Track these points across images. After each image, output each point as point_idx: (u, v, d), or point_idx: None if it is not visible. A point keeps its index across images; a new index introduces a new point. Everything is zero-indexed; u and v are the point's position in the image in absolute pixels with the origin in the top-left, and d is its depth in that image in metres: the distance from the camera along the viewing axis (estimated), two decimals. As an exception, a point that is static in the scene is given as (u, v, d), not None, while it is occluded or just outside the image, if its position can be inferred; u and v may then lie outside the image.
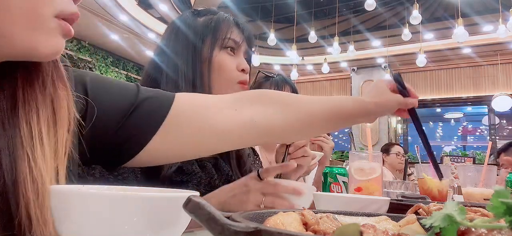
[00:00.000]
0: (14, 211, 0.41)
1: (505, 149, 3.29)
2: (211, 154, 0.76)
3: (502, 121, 9.44)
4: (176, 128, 0.62)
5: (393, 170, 3.52)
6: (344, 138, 13.76)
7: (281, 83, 1.66)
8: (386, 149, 3.58)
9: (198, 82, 0.91)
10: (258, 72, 1.68)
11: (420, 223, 0.34)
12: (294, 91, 1.69)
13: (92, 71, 7.50)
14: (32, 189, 0.41)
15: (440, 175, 1.02)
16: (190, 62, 0.92)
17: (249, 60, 1.03)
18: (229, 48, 0.95)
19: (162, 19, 7.16)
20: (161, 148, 0.61)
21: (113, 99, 0.59)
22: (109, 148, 0.59)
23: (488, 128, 8.38)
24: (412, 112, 0.88)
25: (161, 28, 6.42)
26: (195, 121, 0.64)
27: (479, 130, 11.35)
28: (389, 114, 0.83)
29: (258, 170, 0.86)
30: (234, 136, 0.66)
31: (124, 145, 0.59)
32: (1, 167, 0.42)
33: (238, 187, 0.84)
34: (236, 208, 0.81)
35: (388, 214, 0.41)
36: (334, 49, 6.31)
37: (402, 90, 0.86)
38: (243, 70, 0.96)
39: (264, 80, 1.68)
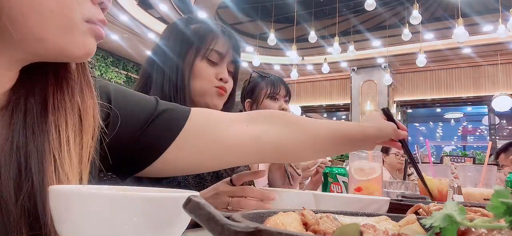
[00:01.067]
0: (41, 213, 0.43)
1: (504, 149, 3.29)
2: (223, 167, 0.80)
3: (502, 121, 9.44)
4: (191, 140, 0.65)
5: (392, 170, 3.52)
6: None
7: (277, 82, 1.66)
8: (385, 149, 3.58)
9: (180, 85, 0.97)
10: (252, 73, 1.70)
11: (420, 223, 0.34)
12: (288, 90, 1.71)
13: (92, 71, 7.56)
14: None
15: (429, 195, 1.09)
16: (174, 65, 0.98)
17: (236, 68, 1.09)
18: (211, 60, 1.01)
19: (162, 19, 7.16)
20: (175, 158, 0.65)
21: (134, 109, 0.63)
22: (128, 156, 0.62)
23: (488, 128, 8.38)
24: (403, 142, 0.93)
25: (161, 28, 6.41)
26: (209, 134, 0.67)
27: (479, 130, 11.35)
28: (385, 140, 0.88)
29: (231, 177, 0.90)
30: (243, 150, 0.70)
31: (142, 152, 0.63)
32: (31, 170, 0.44)
33: (209, 191, 0.89)
34: None
35: (388, 214, 0.41)
36: (334, 49, 6.31)
37: (392, 121, 0.92)
38: (221, 79, 1.02)
39: (260, 80, 1.68)
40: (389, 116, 0.92)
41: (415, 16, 5.31)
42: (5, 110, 0.46)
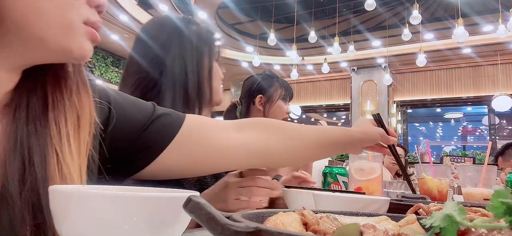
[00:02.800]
0: (45, 204, 0.44)
1: (501, 152, 3.29)
2: (215, 172, 0.82)
3: (502, 121, 9.45)
4: (186, 144, 0.69)
5: (393, 172, 3.51)
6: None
7: (289, 86, 1.80)
8: None
9: (202, 87, 0.99)
10: (266, 71, 1.83)
11: (420, 223, 0.34)
12: (285, 86, 1.78)
13: (92, 71, 7.46)
14: (62, 184, 0.46)
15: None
16: (193, 68, 0.98)
17: None
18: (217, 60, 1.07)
19: (162, 19, 7.15)
20: (170, 162, 0.68)
21: (133, 112, 0.66)
22: (125, 157, 0.65)
23: (488, 128, 8.38)
24: (391, 149, 0.96)
25: (161, 28, 6.40)
26: (202, 139, 0.71)
27: (479, 130, 11.35)
28: (371, 144, 0.91)
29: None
30: (234, 156, 0.73)
31: (139, 154, 0.66)
32: (34, 164, 0.46)
33: (219, 185, 0.92)
34: (217, 205, 0.87)
35: (388, 214, 0.41)
36: (334, 49, 6.31)
37: (382, 127, 0.95)
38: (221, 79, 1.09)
39: (274, 79, 1.78)
40: (379, 122, 0.95)
41: (415, 16, 5.30)
42: (8, 108, 0.48)
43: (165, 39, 0.99)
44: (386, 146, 0.95)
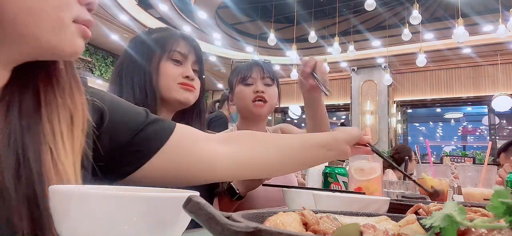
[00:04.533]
0: (41, 199, 0.45)
1: (504, 149, 3.28)
2: (201, 183, 0.83)
3: (502, 121, 9.45)
4: (173, 153, 0.71)
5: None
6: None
7: (249, 65, 1.52)
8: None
9: (148, 87, 1.04)
10: (232, 61, 1.69)
11: (420, 223, 0.34)
12: (267, 71, 1.51)
13: (92, 71, 7.44)
14: (57, 181, 0.48)
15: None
16: (142, 71, 1.06)
17: (201, 67, 1.16)
18: (174, 59, 1.08)
19: (162, 19, 7.16)
20: (158, 169, 0.70)
21: (126, 116, 0.69)
22: (115, 160, 0.67)
23: (488, 128, 8.38)
24: (369, 145, 0.97)
25: (161, 28, 6.41)
26: (189, 149, 0.73)
27: (479, 130, 11.36)
28: (354, 142, 0.92)
29: None
30: (220, 168, 0.75)
31: (128, 159, 0.68)
32: (28, 160, 0.47)
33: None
34: None
35: (388, 214, 0.41)
36: (334, 49, 6.31)
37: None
38: (187, 77, 1.08)
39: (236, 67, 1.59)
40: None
41: (415, 16, 5.30)
42: (0, 105, 0.49)
43: (124, 55, 1.11)
44: (367, 146, 0.97)
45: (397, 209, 0.72)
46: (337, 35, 6.44)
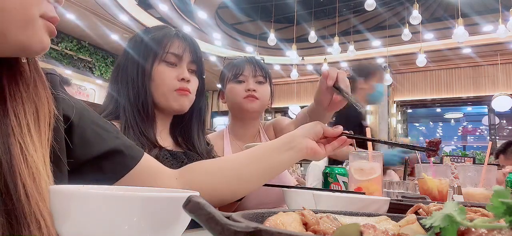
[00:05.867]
0: (13, 191, 0.46)
1: (503, 150, 3.28)
2: None
3: (502, 121, 9.44)
4: (132, 183, 0.72)
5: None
6: (344, 138, 13.72)
7: (240, 62, 1.50)
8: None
9: (141, 92, 1.02)
10: (224, 59, 1.64)
11: (420, 223, 0.34)
12: (260, 68, 1.46)
13: (92, 71, 7.41)
14: (28, 173, 0.48)
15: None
16: (136, 74, 1.03)
17: (199, 66, 1.12)
18: (169, 61, 1.05)
19: (162, 19, 7.16)
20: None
21: (94, 133, 0.67)
22: (81, 164, 0.66)
23: (488, 128, 8.37)
24: (344, 134, 0.90)
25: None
26: (148, 183, 0.74)
27: (479, 130, 11.35)
28: (316, 137, 0.87)
29: None
30: None
31: (90, 173, 0.67)
32: None
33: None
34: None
35: (388, 214, 0.41)
36: (334, 49, 6.30)
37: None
38: (183, 79, 1.05)
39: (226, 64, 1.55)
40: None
41: (415, 16, 5.30)
42: None
43: (121, 57, 1.09)
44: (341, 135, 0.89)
45: (397, 209, 0.72)
46: (337, 35, 6.43)
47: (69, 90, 0.82)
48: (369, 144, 1.16)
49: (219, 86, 1.59)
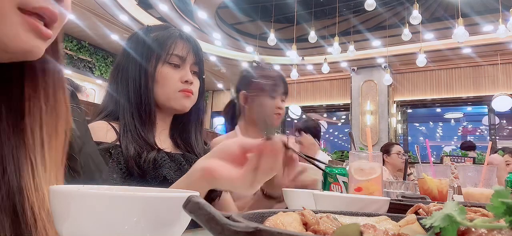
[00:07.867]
0: (20, 213, 0.44)
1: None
2: None
3: (502, 121, 9.44)
4: None
5: (394, 170, 3.52)
6: (344, 138, 13.76)
7: (277, 80, 1.55)
8: (386, 150, 3.59)
9: (144, 92, 1.01)
10: (253, 62, 1.67)
11: (420, 223, 0.34)
12: (287, 89, 1.56)
13: (92, 71, 7.39)
14: (36, 196, 0.45)
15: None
16: (138, 74, 1.02)
17: (200, 68, 1.12)
18: (172, 63, 1.04)
19: (162, 19, 7.16)
20: None
21: (89, 159, 0.66)
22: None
23: (488, 128, 8.37)
24: (285, 146, 0.64)
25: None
26: None
27: (479, 130, 11.36)
28: (229, 153, 0.64)
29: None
30: None
31: None
32: (7, 173, 0.45)
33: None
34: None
35: (388, 214, 0.41)
36: (334, 49, 6.31)
37: None
38: (186, 81, 1.05)
39: (259, 72, 1.58)
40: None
41: (415, 16, 5.30)
42: None
43: (121, 56, 1.08)
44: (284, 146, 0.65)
45: (397, 209, 0.72)
46: (337, 35, 6.44)
47: (79, 95, 0.80)
48: (369, 144, 1.16)
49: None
